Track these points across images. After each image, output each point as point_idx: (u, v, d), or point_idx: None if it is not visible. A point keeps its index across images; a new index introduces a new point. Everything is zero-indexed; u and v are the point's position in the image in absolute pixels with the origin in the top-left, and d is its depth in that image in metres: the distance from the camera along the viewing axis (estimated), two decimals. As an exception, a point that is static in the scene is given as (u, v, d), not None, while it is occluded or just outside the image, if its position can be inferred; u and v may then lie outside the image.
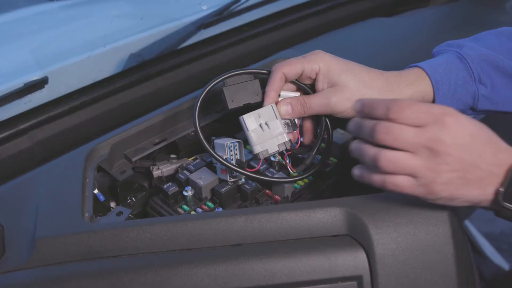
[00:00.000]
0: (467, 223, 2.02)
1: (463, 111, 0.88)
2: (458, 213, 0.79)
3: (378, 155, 0.69)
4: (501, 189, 0.68)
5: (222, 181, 0.89)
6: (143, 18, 1.31)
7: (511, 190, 0.68)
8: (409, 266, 0.73)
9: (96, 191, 0.87)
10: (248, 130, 0.85)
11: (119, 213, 0.83)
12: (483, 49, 0.88)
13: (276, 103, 0.87)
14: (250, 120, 0.85)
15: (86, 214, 0.79)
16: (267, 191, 0.90)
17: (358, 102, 0.73)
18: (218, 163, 0.87)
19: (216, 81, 0.89)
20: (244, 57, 1.31)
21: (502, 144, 0.69)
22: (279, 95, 0.88)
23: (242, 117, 0.85)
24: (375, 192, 0.81)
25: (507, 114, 0.91)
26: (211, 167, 0.92)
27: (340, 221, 0.74)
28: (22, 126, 1.05)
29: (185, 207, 0.88)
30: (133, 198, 0.94)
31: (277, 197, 0.88)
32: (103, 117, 1.14)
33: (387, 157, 0.68)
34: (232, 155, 0.87)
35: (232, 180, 0.88)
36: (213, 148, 0.88)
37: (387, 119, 0.69)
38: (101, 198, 0.88)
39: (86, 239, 0.74)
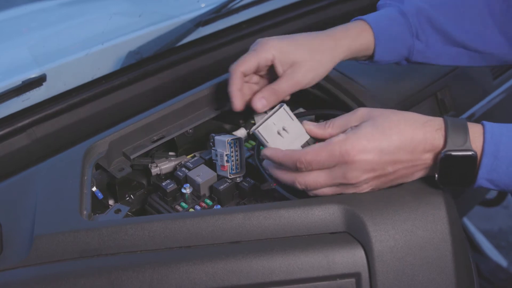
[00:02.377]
0: (466, 220, 2.02)
1: (398, 62, 0.99)
2: (456, 210, 0.79)
3: (295, 182, 0.76)
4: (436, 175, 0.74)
5: (221, 179, 0.89)
6: (141, 15, 1.31)
7: (443, 179, 0.73)
8: (407, 263, 0.73)
9: (94, 189, 0.87)
10: (268, 142, 0.79)
11: (117, 211, 0.83)
12: (420, 2, 0.95)
13: (250, 101, 0.86)
14: (266, 132, 0.79)
15: (84, 212, 0.79)
16: None
17: (265, 153, 0.78)
18: (218, 160, 0.87)
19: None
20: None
21: (423, 140, 0.72)
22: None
23: (258, 130, 0.79)
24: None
25: (436, 65, 1.00)
26: (210, 164, 0.92)
27: (338, 218, 0.74)
28: (20, 124, 1.04)
29: (183, 204, 0.88)
30: (131, 195, 0.94)
31: None
32: (101, 114, 1.14)
33: (305, 183, 0.75)
34: (232, 152, 0.87)
35: (233, 176, 0.88)
36: (213, 144, 0.88)
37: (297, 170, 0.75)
38: (99, 195, 0.88)
39: (84, 236, 0.74)
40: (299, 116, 0.98)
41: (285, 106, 0.82)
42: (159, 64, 1.23)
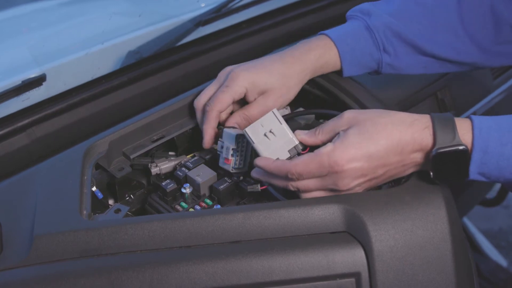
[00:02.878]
0: (466, 220, 2.02)
1: (369, 73, 1.01)
2: (456, 210, 0.79)
3: (287, 186, 0.78)
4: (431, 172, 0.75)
5: (221, 178, 0.89)
6: (141, 15, 1.31)
7: (438, 175, 0.75)
8: (407, 262, 0.73)
9: (94, 189, 0.87)
10: (254, 143, 0.81)
11: (117, 211, 0.83)
12: (388, 17, 0.96)
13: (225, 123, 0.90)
14: (254, 133, 0.82)
15: (84, 212, 0.79)
16: None
17: (257, 163, 0.80)
18: (223, 152, 0.87)
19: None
20: (242, 54, 1.31)
21: (411, 141, 0.73)
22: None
23: (245, 130, 0.82)
24: (373, 189, 0.81)
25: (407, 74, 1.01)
26: (210, 164, 0.92)
27: (338, 218, 0.74)
28: (20, 124, 1.04)
29: (183, 204, 0.88)
30: (131, 195, 0.94)
31: None
32: (101, 114, 1.14)
33: (297, 186, 0.77)
34: (239, 147, 0.87)
35: (235, 171, 0.88)
36: (220, 136, 0.89)
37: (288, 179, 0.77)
38: (99, 195, 0.87)
39: (84, 236, 0.74)
40: (299, 115, 0.99)
41: (275, 110, 0.83)
42: (159, 64, 1.23)
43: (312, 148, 0.81)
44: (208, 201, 0.88)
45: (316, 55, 0.95)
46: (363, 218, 0.73)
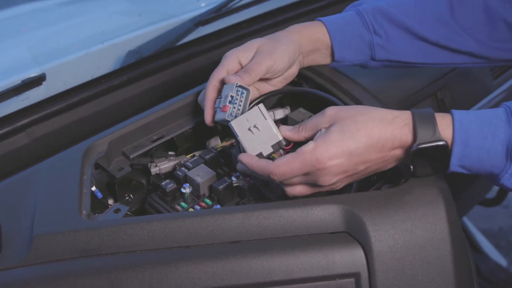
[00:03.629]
0: (466, 220, 2.02)
1: (365, 62, 1.00)
2: (456, 210, 0.79)
3: (270, 177, 0.78)
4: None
5: (221, 178, 0.89)
6: (141, 15, 1.31)
7: (418, 170, 0.76)
8: (407, 263, 0.73)
9: (93, 188, 0.87)
10: (238, 136, 0.84)
11: (117, 210, 0.83)
12: (378, 3, 0.98)
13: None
14: (239, 126, 0.84)
15: (84, 212, 0.79)
16: None
17: (240, 159, 0.82)
18: (222, 101, 0.87)
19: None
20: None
21: (391, 138, 0.75)
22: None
23: (231, 123, 0.84)
24: (372, 190, 0.82)
25: (406, 64, 1.01)
26: (209, 164, 0.92)
27: (337, 218, 0.74)
28: (20, 123, 1.04)
29: (183, 204, 0.87)
30: (131, 195, 0.94)
31: None
32: (101, 114, 1.14)
33: (279, 180, 0.78)
34: (237, 98, 0.87)
35: (231, 119, 0.85)
36: (220, 92, 0.90)
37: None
38: (99, 195, 0.87)
39: (84, 236, 0.74)
40: (271, 95, 0.98)
41: (261, 105, 0.85)
42: (158, 63, 1.23)
43: (296, 144, 0.83)
44: (207, 201, 0.88)
45: (300, 25, 0.97)
46: (363, 218, 0.73)
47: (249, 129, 0.84)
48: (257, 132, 0.84)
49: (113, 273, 0.70)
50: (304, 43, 0.96)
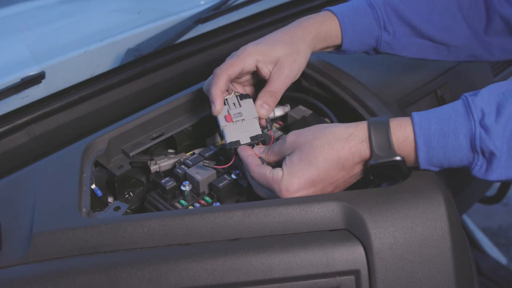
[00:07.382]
0: (465, 217, 2.03)
1: (366, 51, 1.01)
2: (456, 208, 0.79)
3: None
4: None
5: (221, 175, 0.89)
6: (140, 12, 1.31)
7: (378, 180, 0.80)
8: (407, 260, 0.73)
9: (93, 186, 0.87)
10: (221, 126, 0.88)
11: (117, 208, 0.83)
12: None
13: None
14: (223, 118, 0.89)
15: (83, 209, 0.79)
16: None
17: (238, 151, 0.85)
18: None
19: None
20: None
21: (350, 156, 0.77)
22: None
23: (218, 116, 0.89)
24: (372, 187, 0.81)
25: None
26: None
27: (337, 216, 0.74)
28: (19, 121, 1.04)
29: (182, 202, 0.87)
30: (130, 193, 0.94)
31: None
32: (100, 112, 1.14)
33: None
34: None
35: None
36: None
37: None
38: (99, 193, 0.87)
39: (83, 234, 0.74)
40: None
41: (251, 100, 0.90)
42: (158, 61, 1.23)
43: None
44: (207, 198, 0.88)
45: (317, 22, 0.96)
46: (363, 215, 0.73)
47: (234, 117, 0.88)
48: (240, 123, 0.88)
49: (113, 270, 0.70)
50: (318, 43, 0.97)
